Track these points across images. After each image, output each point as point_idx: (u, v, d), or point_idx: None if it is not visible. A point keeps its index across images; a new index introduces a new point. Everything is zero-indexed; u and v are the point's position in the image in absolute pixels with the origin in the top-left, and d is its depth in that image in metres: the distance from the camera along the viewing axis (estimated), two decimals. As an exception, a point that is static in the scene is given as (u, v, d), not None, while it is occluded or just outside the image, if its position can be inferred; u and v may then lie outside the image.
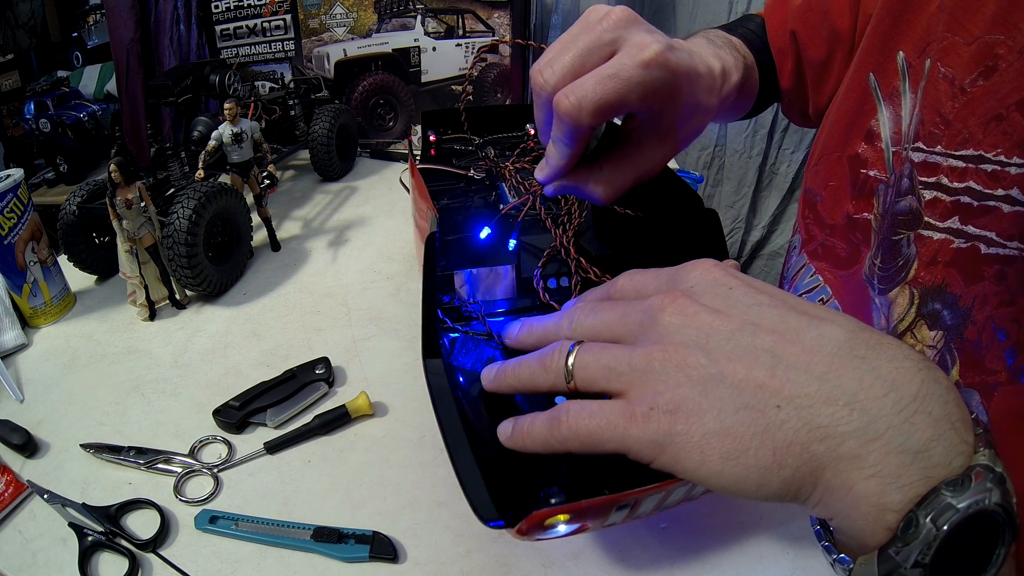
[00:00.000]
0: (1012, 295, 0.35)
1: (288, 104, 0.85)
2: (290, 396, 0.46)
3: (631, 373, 0.25)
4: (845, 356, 0.23)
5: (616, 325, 0.28)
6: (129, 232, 0.54)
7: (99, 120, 1.18)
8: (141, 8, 1.02)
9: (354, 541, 0.36)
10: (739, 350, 0.24)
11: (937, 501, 0.20)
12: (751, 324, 0.25)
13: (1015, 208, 0.34)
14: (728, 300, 0.26)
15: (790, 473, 0.22)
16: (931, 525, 0.20)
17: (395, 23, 0.96)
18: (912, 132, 0.39)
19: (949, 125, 0.37)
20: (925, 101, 0.38)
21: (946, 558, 0.20)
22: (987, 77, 0.34)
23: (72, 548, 0.37)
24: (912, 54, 0.39)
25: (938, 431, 0.21)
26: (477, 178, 0.49)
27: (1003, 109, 0.34)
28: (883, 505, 0.21)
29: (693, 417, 0.23)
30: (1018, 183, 0.34)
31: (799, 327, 0.24)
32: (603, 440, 0.25)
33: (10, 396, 0.49)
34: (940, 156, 0.37)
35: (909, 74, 0.39)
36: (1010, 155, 0.34)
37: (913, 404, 0.21)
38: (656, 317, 0.26)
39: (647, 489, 0.26)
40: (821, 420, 0.22)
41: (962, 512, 0.20)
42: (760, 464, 0.22)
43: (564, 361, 0.28)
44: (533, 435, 0.27)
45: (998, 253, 0.36)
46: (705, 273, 0.28)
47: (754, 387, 0.23)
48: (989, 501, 0.20)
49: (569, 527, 0.28)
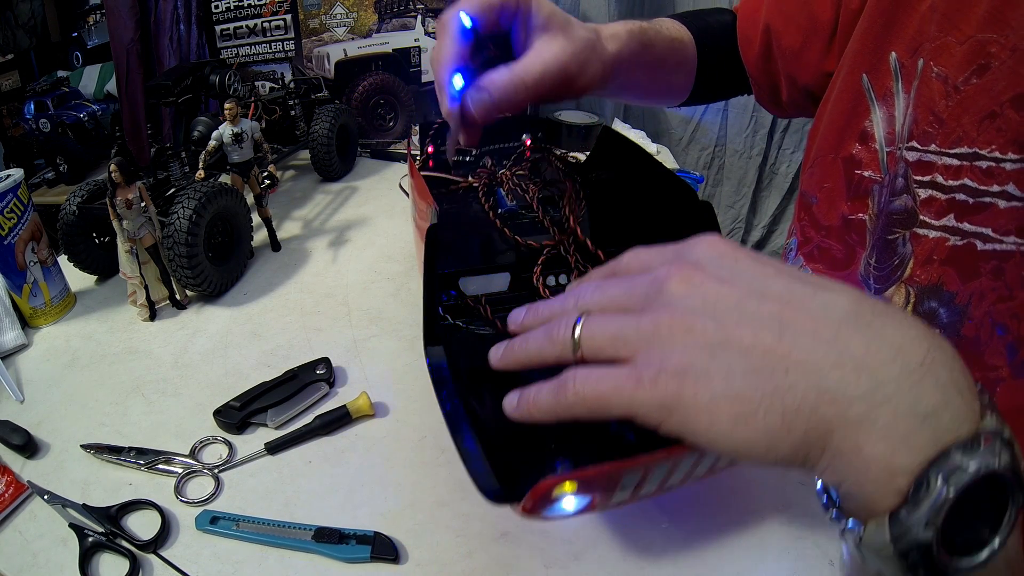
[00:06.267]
0: (1010, 290, 0.35)
1: (288, 104, 0.85)
2: (291, 396, 0.46)
3: (638, 340, 0.25)
4: (851, 323, 0.23)
5: (622, 298, 0.28)
6: (129, 232, 0.54)
7: (99, 120, 1.18)
8: (141, 8, 1.02)
9: (355, 542, 0.36)
10: (746, 317, 0.24)
11: (948, 463, 0.20)
12: (757, 293, 0.25)
13: (1011, 204, 0.35)
14: (734, 271, 0.26)
15: (799, 437, 0.22)
16: (943, 486, 0.20)
17: (395, 23, 0.96)
18: (906, 132, 0.40)
19: (943, 124, 0.37)
20: (918, 101, 0.39)
21: (956, 523, 0.20)
22: (980, 75, 0.35)
23: (73, 549, 0.37)
24: (905, 54, 0.39)
25: (945, 396, 0.21)
26: (475, 185, 0.49)
27: (997, 106, 0.34)
28: (893, 468, 0.21)
29: (701, 381, 0.23)
30: (1013, 179, 0.34)
31: (804, 296, 0.24)
32: (610, 404, 0.25)
33: (10, 396, 0.49)
34: (935, 155, 0.38)
35: (902, 74, 0.40)
36: (1005, 151, 0.34)
37: (920, 370, 0.21)
38: (662, 287, 0.26)
39: (654, 456, 0.26)
40: (830, 384, 0.22)
41: (973, 473, 0.20)
42: (769, 427, 0.22)
43: (571, 332, 0.28)
44: (539, 403, 0.28)
45: (994, 249, 0.36)
46: (711, 247, 0.28)
47: (762, 352, 0.23)
48: (999, 463, 0.20)
49: (576, 501, 0.28)
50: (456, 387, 0.33)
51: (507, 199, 0.49)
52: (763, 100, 0.57)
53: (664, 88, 0.57)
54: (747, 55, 0.54)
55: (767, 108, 0.58)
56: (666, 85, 0.56)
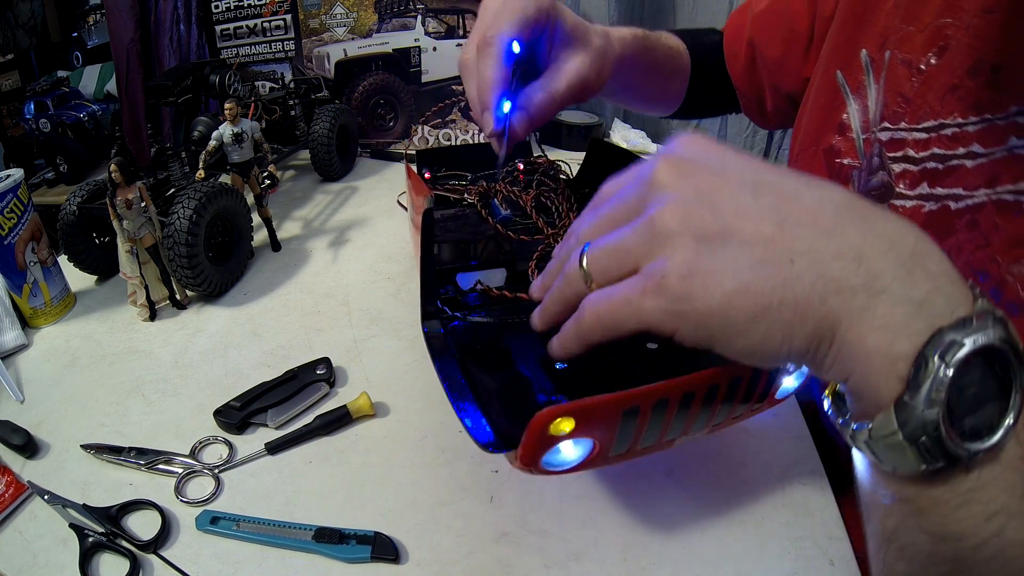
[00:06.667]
0: (986, 237, 0.37)
1: (288, 104, 0.85)
2: (291, 396, 0.46)
3: (638, 246, 0.25)
4: (847, 215, 0.23)
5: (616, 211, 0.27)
6: (129, 232, 0.54)
7: (99, 120, 1.18)
8: (141, 8, 1.02)
9: (356, 542, 0.36)
10: (743, 208, 0.24)
11: (943, 341, 0.21)
12: (751, 184, 0.24)
13: (977, 161, 0.37)
14: (724, 163, 0.26)
15: (812, 328, 0.22)
16: (940, 363, 0.20)
17: (395, 23, 0.95)
18: (878, 115, 0.42)
19: (910, 102, 0.40)
20: (887, 86, 0.42)
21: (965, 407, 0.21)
22: (940, 56, 0.38)
23: (73, 549, 0.37)
24: (873, 49, 0.43)
25: (937, 284, 0.22)
26: (471, 201, 0.51)
27: (956, 79, 0.37)
28: (893, 355, 0.21)
29: (709, 278, 0.23)
30: (976, 139, 0.37)
31: (799, 189, 0.24)
32: (621, 319, 0.25)
33: (10, 397, 0.49)
34: (905, 131, 0.40)
35: (872, 67, 0.43)
36: (966, 116, 0.37)
37: (911, 260, 0.22)
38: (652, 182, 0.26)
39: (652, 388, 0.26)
40: (834, 273, 0.22)
41: (968, 346, 0.20)
42: (784, 320, 0.22)
43: (578, 263, 0.27)
44: (566, 338, 0.28)
45: (967, 204, 0.37)
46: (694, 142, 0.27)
47: (764, 242, 0.23)
48: (994, 336, 0.20)
49: (577, 448, 0.28)
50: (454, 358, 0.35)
51: (502, 208, 0.50)
52: (750, 112, 0.61)
53: (659, 92, 0.60)
54: (733, 68, 0.58)
55: (754, 120, 0.62)
56: (661, 89, 0.59)
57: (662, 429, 0.29)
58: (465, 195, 0.53)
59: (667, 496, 0.40)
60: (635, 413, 0.27)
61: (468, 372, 0.34)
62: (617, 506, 0.39)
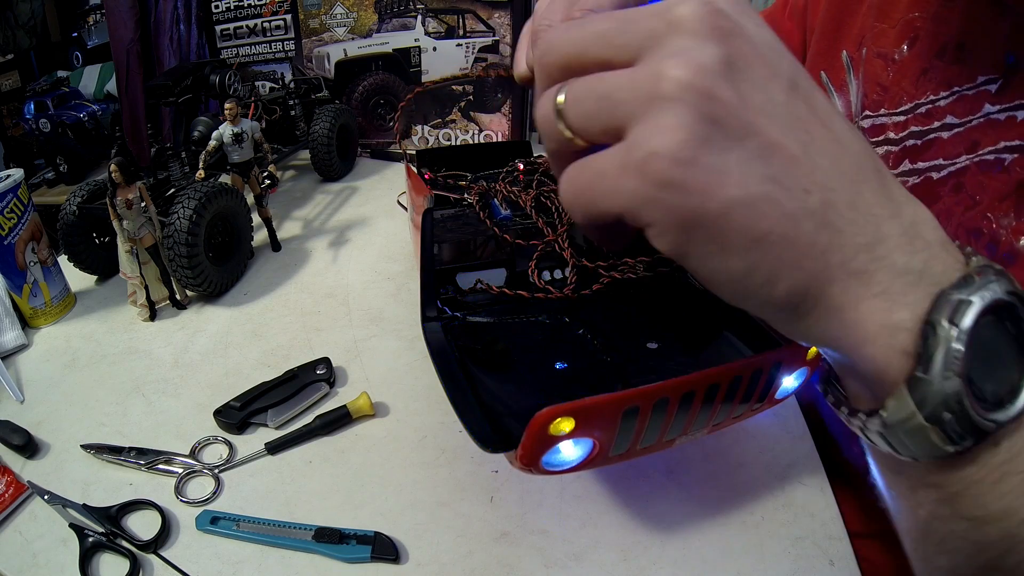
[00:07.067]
0: (973, 197, 0.37)
1: (288, 104, 0.85)
2: (291, 396, 0.46)
3: (633, 100, 0.19)
4: (869, 166, 0.20)
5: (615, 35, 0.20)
6: (129, 232, 0.54)
7: (99, 120, 1.18)
8: (141, 8, 1.02)
9: (356, 542, 0.36)
10: (773, 105, 0.19)
11: (948, 303, 0.19)
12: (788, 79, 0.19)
13: (953, 132, 0.38)
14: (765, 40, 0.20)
15: (801, 278, 0.19)
16: (950, 327, 0.18)
17: (395, 23, 0.95)
18: (859, 106, 0.45)
19: (887, 90, 0.42)
20: (866, 78, 0.44)
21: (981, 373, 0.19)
22: (911, 46, 0.41)
23: (73, 549, 0.37)
24: (852, 49, 0.46)
25: (933, 252, 0.20)
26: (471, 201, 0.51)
27: (927, 63, 0.40)
28: (892, 324, 0.19)
29: (712, 176, 0.18)
30: (948, 111, 0.38)
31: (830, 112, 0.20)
32: (596, 197, 0.20)
33: (10, 397, 0.49)
34: (885, 116, 0.42)
35: (852, 66, 0.45)
36: (937, 93, 0.39)
37: (911, 229, 0.20)
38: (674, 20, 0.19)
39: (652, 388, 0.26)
40: (843, 224, 0.19)
41: (978, 303, 0.19)
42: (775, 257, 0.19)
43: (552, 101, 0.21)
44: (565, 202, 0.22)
45: (949, 172, 0.38)
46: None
47: (786, 158, 0.19)
48: (1000, 290, 0.19)
49: (577, 448, 0.28)
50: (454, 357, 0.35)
51: (502, 208, 0.50)
52: None
53: None
54: None
55: None
56: None
57: (662, 429, 0.29)
58: (465, 195, 0.53)
59: (667, 496, 0.40)
60: (635, 413, 0.27)
61: (468, 372, 0.34)
62: (617, 506, 0.39)
